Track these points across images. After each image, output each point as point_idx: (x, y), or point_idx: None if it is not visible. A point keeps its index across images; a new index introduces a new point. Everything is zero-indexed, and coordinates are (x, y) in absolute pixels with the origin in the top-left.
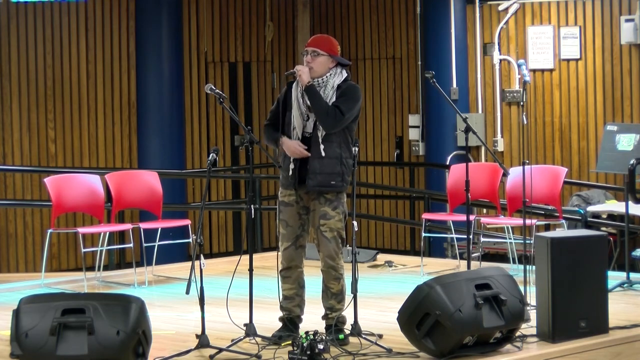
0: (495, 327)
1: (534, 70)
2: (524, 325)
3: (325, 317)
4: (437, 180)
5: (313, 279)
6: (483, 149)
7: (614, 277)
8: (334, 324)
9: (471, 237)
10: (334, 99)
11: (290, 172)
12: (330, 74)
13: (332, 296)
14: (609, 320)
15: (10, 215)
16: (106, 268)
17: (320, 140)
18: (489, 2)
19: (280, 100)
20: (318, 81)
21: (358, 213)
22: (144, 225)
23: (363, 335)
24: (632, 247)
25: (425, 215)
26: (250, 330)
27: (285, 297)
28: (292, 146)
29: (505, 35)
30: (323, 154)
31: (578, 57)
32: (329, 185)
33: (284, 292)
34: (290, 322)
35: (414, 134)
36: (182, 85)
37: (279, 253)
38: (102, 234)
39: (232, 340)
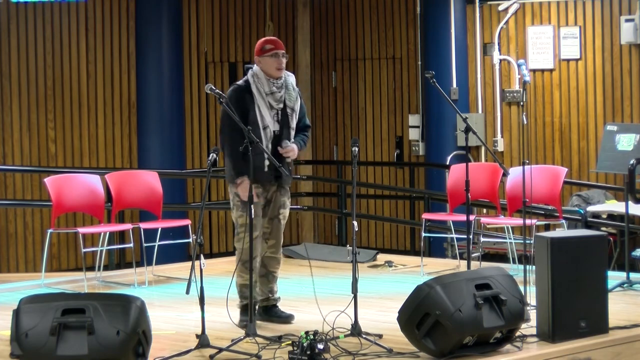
0: (495, 327)
1: (534, 70)
2: (524, 325)
3: (266, 299)
4: (437, 180)
5: (313, 278)
6: (483, 149)
7: (614, 277)
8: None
9: (471, 237)
10: (298, 102)
11: (267, 169)
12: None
13: (274, 279)
14: (609, 320)
15: (10, 215)
16: (106, 268)
17: (291, 138)
18: (489, 2)
19: (237, 105)
20: (280, 82)
21: (358, 213)
22: (144, 225)
23: (363, 335)
24: (632, 247)
25: (425, 215)
26: (250, 330)
27: (249, 286)
28: (244, 190)
29: (505, 35)
30: None
31: (578, 57)
32: (293, 179)
33: (247, 282)
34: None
35: (414, 134)
36: (182, 85)
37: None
38: (102, 234)
39: (232, 340)
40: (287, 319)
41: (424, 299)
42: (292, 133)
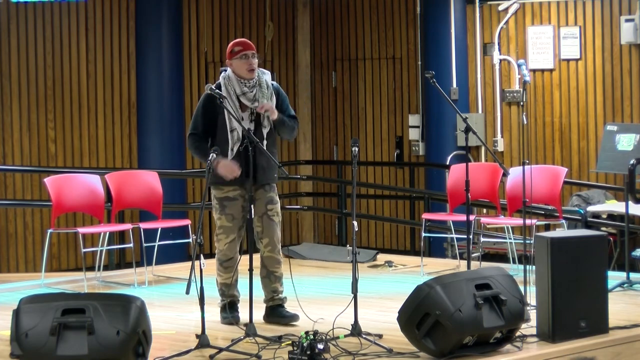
0: (495, 327)
1: (534, 70)
2: (524, 325)
3: (270, 299)
4: (437, 180)
5: (313, 279)
6: (483, 149)
7: (614, 277)
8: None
9: (471, 237)
10: (274, 99)
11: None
12: (257, 73)
13: (277, 279)
14: (609, 320)
15: (10, 215)
16: (106, 268)
17: (265, 138)
18: (489, 2)
19: (207, 108)
20: (253, 82)
21: (358, 213)
22: (144, 225)
23: (363, 335)
24: (632, 247)
25: (425, 215)
26: (250, 330)
27: (228, 285)
28: (230, 167)
29: (505, 35)
30: (267, 150)
31: (578, 57)
32: (273, 179)
33: (226, 281)
34: (234, 305)
35: (414, 134)
36: (182, 85)
37: (224, 246)
38: (102, 234)
39: (232, 340)
40: (291, 318)
41: (424, 299)
42: (265, 131)
